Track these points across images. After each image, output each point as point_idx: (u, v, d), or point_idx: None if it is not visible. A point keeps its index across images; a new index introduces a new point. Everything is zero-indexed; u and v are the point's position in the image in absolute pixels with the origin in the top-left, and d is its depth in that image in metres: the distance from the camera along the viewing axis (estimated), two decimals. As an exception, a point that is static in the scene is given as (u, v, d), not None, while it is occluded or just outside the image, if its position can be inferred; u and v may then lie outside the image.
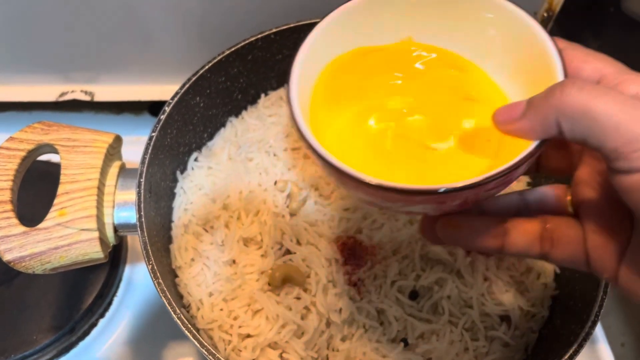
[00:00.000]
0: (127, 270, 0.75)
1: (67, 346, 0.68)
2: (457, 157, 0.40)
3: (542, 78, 0.37)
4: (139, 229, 0.52)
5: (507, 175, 0.33)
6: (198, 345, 0.48)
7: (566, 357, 0.49)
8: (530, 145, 0.34)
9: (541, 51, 0.38)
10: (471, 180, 0.33)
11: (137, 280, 0.75)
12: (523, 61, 0.40)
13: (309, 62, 0.42)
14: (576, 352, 0.49)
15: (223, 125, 0.72)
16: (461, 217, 0.41)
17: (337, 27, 0.43)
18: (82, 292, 0.70)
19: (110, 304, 0.72)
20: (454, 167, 0.40)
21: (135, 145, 0.68)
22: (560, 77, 0.36)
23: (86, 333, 0.70)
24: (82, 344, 0.69)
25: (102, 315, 0.71)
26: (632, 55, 0.86)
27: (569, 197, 0.41)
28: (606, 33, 0.87)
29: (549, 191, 0.42)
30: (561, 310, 0.59)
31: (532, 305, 0.60)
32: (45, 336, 0.66)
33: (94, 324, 0.70)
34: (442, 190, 0.33)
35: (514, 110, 0.35)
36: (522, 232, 0.40)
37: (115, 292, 0.73)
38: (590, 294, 0.54)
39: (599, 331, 0.77)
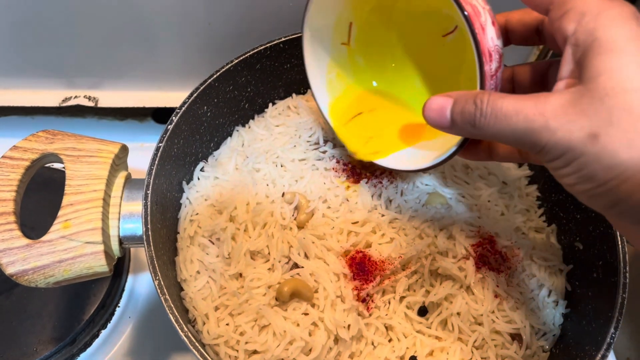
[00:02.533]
0: (130, 280, 0.74)
1: (68, 358, 0.67)
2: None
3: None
4: (145, 242, 0.51)
5: None
6: (205, 365, 0.46)
7: (581, 380, 0.48)
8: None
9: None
10: None
11: (140, 290, 0.74)
12: None
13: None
14: (592, 376, 0.48)
15: (230, 134, 0.71)
16: None
17: None
18: (84, 302, 0.68)
19: (112, 314, 0.71)
20: None
21: (140, 151, 0.67)
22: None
23: (87, 344, 0.68)
24: (83, 355, 0.68)
25: (104, 326, 0.70)
26: None
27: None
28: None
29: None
30: (573, 330, 0.58)
31: (543, 324, 0.59)
32: (46, 347, 0.65)
33: (96, 335, 0.69)
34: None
35: (443, 119, 0.44)
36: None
37: (118, 302, 0.72)
38: (604, 314, 0.53)
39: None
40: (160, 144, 0.57)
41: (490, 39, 0.44)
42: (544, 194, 0.68)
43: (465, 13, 0.44)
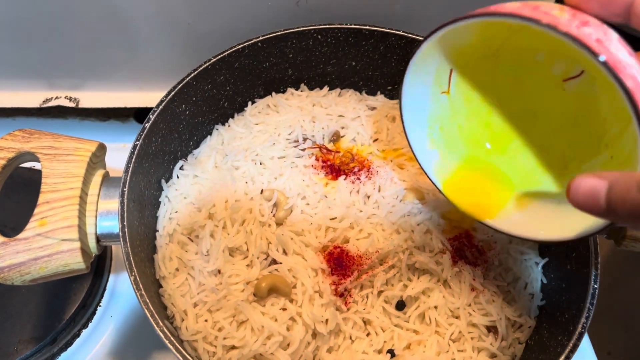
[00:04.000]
0: (112, 280, 0.74)
1: (48, 357, 0.67)
2: None
3: None
4: (121, 239, 0.52)
5: None
6: (181, 358, 0.47)
7: (553, 370, 0.48)
8: None
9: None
10: None
11: (122, 289, 0.74)
12: None
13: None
14: (563, 364, 0.49)
15: (209, 133, 0.71)
16: None
17: None
18: (65, 301, 0.68)
19: (93, 313, 0.71)
20: None
21: (122, 152, 0.67)
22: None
23: (68, 344, 0.68)
24: (64, 355, 0.68)
25: (85, 326, 0.70)
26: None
27: None
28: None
29: None
30: (548, 321, 0.59)
31: (519, 316, 0.60)
32: (26, 347, 0.65)
33: (77, 335, 0.69)
34: None
35: (595, 205, 0.37)
36: None
37: (99, 301, 0.72)
38: (576, 305, 0.54)
39: (585, 340, 0.77)
40: (138, 142, 0.57)
41: None
42: (520, 189, 0.69)
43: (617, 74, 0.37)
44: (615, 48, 0.38)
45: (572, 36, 0.38)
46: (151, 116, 0.59)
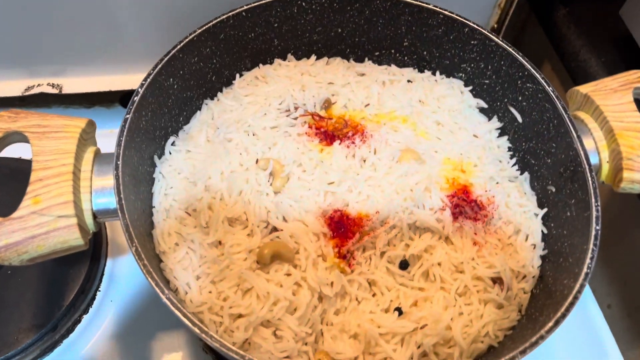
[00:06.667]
0: (109, 265, 0.73)
1: (50, 345, 0.66)
2: None
3: None
4: (119, 211, 0.51)
5: None
6: (189, 324, 0.46)
7: (562, 310, 0.49)
8: None
9: None
10: None
11: (120, 273, 0.73)
12: None
13: None
14: (572, 305, 0.49)
15: (199, 108, 0.70)
16: None
17: None
18: (63, 288, 0.67)
19: (93, 299, 0.70)
20: None
21: (109, 137, 0.66)
22: None
23: (70, 330, 0.67)
24: (66, 341, 0.67)
25: (85, 311, 0.69)
26: (600, 18, 0.87)
27: None
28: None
29: None
30: (552, 269, 0.59)
31: (522, 267, 0.60)
32: (27, 336, 0.64)
33: (78, 321, 0.68)
34: None
35: None
36: None
37: (98, 286, 0.71)
38: (580, 248, 0.54)
39: (587, 293, 0.78)
40: (128, 115, 0.56)
41: None
42: (514, 144, 0.69)
43: None
44: None
45: None
46: (139, 90, 0.58)
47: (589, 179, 0.56)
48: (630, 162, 0.58)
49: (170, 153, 0.65)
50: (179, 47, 0.62)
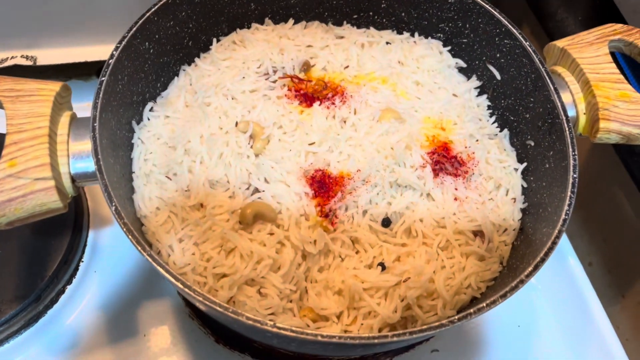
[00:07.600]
0: (91, 236, 0.73)
1: (34, 316, 0.65)
2: None
3: None
4: (97, 172, 0.50)
5: None
6: (172, 279, 0.46)
7: (541, 254, 0.49)
8: None
9: None
10: None
11: (103, 245, 0.73)
12: None
13: None
14: (550, 250, 0.50)
15: (176, 74, 0.69)
16: None
17: None
18: (45, 259, 0.67)
19: (76, 269, 0.70)
20: None
21: (86, 111, 0.65)
22: None
23: (54, 301, 0.67)
24: (50, 312, 0.67)
25: (69, 282, 0.69)
26: None
27: None
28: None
29: None
30: (532, 221, 0.60)
31: (503, 220, 0.61)
32: (10, 307, 0.63)
33: (61, 291, 0.68)
34: None
35: None
36: None
37: (81, 257, 0.71)
38: (558, 196, 0.54)
39: (569, 251, 0.79)
40: (103, 78, 0.55)
41: None
42: (493, 102, 0.70)
43: None
44: None
45: None
46: (114, 52, 0.57)
47: (566, 129, 0.57)
48: (606, 112, 0.59)
49: (148, 119, 0.65)
50: (153, 9, 0.61)
